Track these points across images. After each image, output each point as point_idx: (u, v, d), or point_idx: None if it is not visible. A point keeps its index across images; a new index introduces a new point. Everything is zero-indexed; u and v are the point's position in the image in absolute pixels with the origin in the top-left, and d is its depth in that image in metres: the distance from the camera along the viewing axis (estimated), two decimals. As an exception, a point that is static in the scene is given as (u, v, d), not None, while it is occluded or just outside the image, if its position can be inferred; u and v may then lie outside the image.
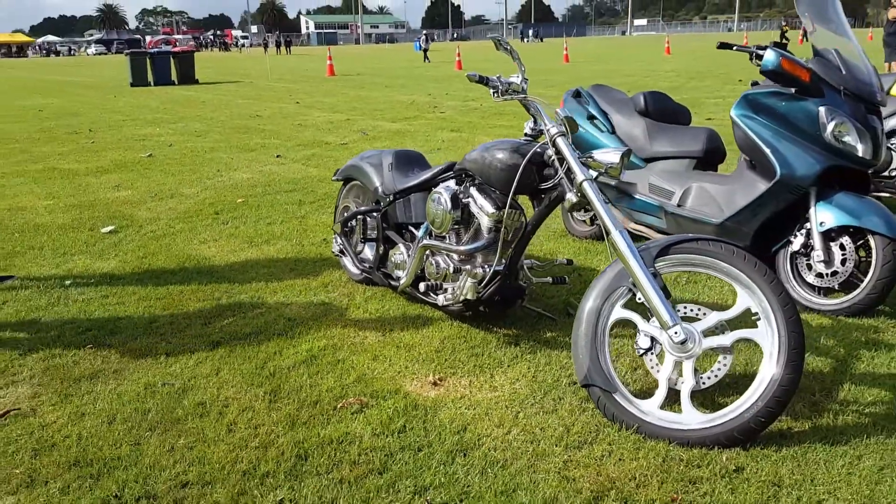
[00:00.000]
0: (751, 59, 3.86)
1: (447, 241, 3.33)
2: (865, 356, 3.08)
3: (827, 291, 3.64)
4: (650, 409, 2.55)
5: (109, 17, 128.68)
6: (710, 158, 4.25)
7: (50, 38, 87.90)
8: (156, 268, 4.40)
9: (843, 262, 3.55)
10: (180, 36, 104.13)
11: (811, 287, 3.66)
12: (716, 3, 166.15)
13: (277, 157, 8.49)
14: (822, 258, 3.58)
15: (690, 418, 2.50)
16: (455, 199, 3.27)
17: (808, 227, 3.63)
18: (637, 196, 4.22)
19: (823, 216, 3.57)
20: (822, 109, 3.57)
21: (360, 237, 3.97)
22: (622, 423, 2.53)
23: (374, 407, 2.69)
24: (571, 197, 2.80)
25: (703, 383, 2.57)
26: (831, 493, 2.19)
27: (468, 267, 3.24)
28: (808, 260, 3.64)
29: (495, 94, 2.98)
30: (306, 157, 8.43)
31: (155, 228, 5.35)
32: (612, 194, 4.40)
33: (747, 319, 2.59)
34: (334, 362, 3.07)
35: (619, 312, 2.67)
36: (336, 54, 34.64)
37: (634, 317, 2.64)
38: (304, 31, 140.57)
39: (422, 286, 3.45)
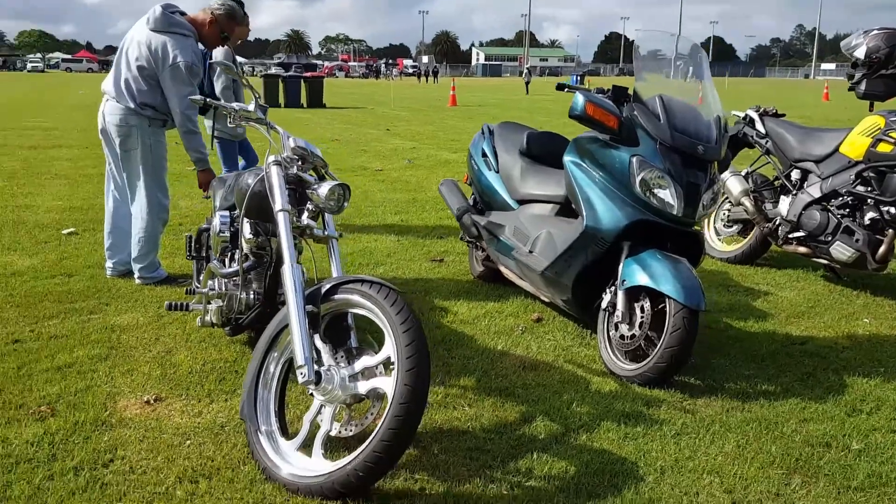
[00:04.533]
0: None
1: (219, 264, 3.39)
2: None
3: (631, 354, 3.32)
4: (287, 451, 2.48)
5: (295, 42, 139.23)
6: None
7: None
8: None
9: (641, 325, 3.24)
10: (354, 63, 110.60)
11: (617, 346, 3.36)
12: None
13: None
14: (621, 318, 3.29)
15: (310, 465, 2.41)
16: (225, 223, 3.34)
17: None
18: (502, 238, 4.07)
19: (627, 273, 3.28)
20: (633, 160, 3.30)
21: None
22: (256, 460, 2.47)
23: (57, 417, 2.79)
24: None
25: (342, 431, 2.46)
26: None
27: (235, 291, 3.28)
28: (614, 319, 3.36)
29: (230, 120, 3.03)
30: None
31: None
32: (485, 234, 4.26)
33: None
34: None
35: (288, 351, 2.62)
36: (479, 85, 35.17)
37: None
38: (473, 62, 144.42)
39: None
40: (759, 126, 5.06)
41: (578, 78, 50.38)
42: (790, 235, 4.68)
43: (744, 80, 71.16)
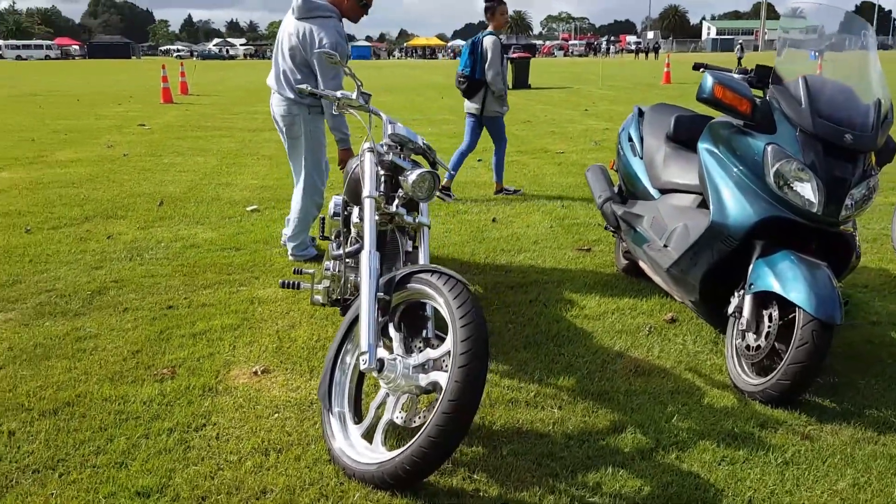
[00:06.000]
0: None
1: (333, 246, 3.52)
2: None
3: (757, 367, 2.96)
4: (353, 435, 2.53)
5: (517, 22, 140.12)
6: None
7: (458, 42, 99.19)
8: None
9: (768, 335, 2.87)
10: (575, 41, 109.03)
11: (744, 357, 3.01)
12: None
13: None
14: (746, 326, 2.94)
15: (369, 451, 2.44)
16: (338, 206, 3.46)
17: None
18: (638, 229, 3.81)
19: (756, 276, 2.92)
20: (768, 148, 2.90)
21: None
22: (325, 440, 2.56)
23: (175, 379, 3.08)
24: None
25: (409, 421, 2.45)
26: None
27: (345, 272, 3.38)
28: (740, 326, 3.01)
29: (334, 107, 3.11)
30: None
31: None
32: (623, 224, 4.01)
33: None
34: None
35: None
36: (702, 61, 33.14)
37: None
38: (704, 36, 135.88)
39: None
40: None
41: (817, 54, 45.53)
42: None
43: None
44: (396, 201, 2.88)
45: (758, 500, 2.29)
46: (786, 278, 2.80)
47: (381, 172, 2.92)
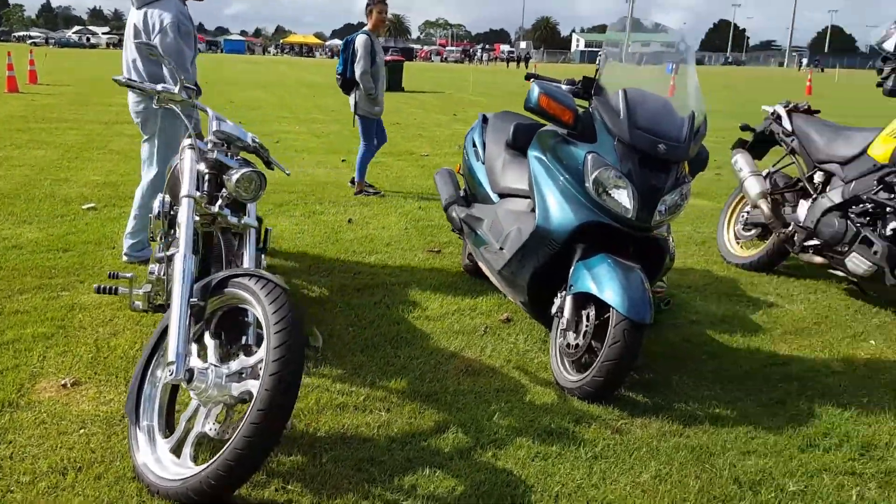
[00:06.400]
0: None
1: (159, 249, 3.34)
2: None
3: (577, 365, 3.08)
4: (161, 449, 2.40)
5: (396, 26, 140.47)
6: None
7: (335, 41, 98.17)
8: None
9: (585, 334, 2.99)
10: (452, 47, 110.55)
11: (565, 355, 3.13)
12: None
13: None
14: (566, 325, 3.05)
15: (176, 466, 2.32)
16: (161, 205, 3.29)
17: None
18: (479, 232, 3.87)
19: (575, 278, 3.04)
20: (588, 157, 3.03)
21: None
22: (132, 457, 2.40)
23: None
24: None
25: (220, 433, 2.35)
26: None
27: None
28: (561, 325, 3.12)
29: (153, 101, 2.97)
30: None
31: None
32: (465, 227, 4.07)
33: None
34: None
35: None
36: (569, 71, 34.37)
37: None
38: (573, 48, 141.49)
39: None
40: (785, 123, 4.61)
41: (674, 67, 48.57)
42: (806, 243, 4.24)
43: (859, 72, 66.48)
44: (220, 201, 2.77)
45: (564, 494, 2.37)
46: (601, 280, 2.92)
47: (205, 171, 2.80)
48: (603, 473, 2.49)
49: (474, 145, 4.36)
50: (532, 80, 3.41)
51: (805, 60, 78.47)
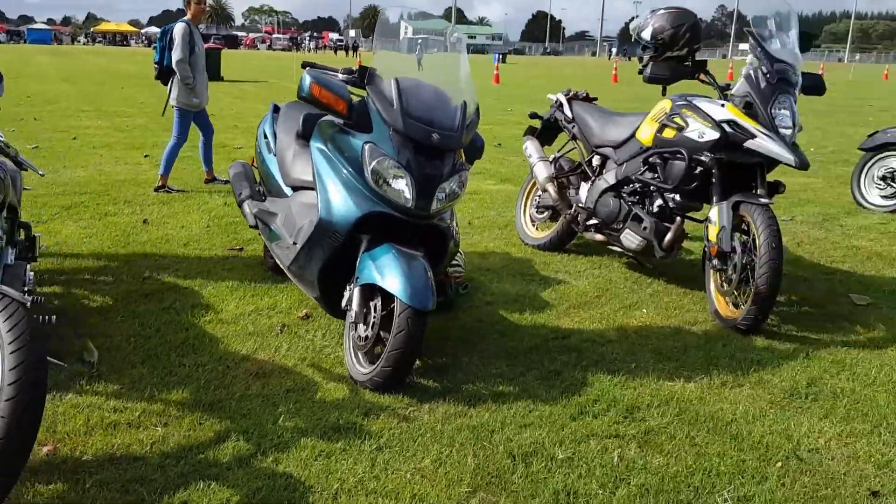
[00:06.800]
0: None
1: None
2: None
3: (370, 356, 3.09)
4: None
5: (217, 13, 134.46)
6: None
7: (152, 29, 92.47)
8: None
9: (374, 325, 3.01)
10: (279, 35, 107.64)
11: (357, 347, 3.13)
12: (833, 32, 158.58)
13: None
14: (355, 318, 3.06)
15: None
16: None
17: None
18: (272, 227, 3.75)
19: (361, 269, 3.05)
20: (366, 147, 3.04)
21: None
22: None
23: None
24: None
25: None
26: None
27: None
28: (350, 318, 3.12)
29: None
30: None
31: None
32: (259, 222, 3.93)
33: None
34: None
35: None
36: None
37: None
38: (401, 36, 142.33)
39: None
40: (566, 110, 4.87)
41: (500, 56, 50.27)
42: (588, 223, 4.53)
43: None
44: None
45: (344, 490, 2.36)
46: (385, 270, 2.94)
47: None
48: (385, 464, 2.51)
49: (265, 136, 4.23)
50: (307, 68, 3.35)
51: (615, 49, 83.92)
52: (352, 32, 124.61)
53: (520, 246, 5.17)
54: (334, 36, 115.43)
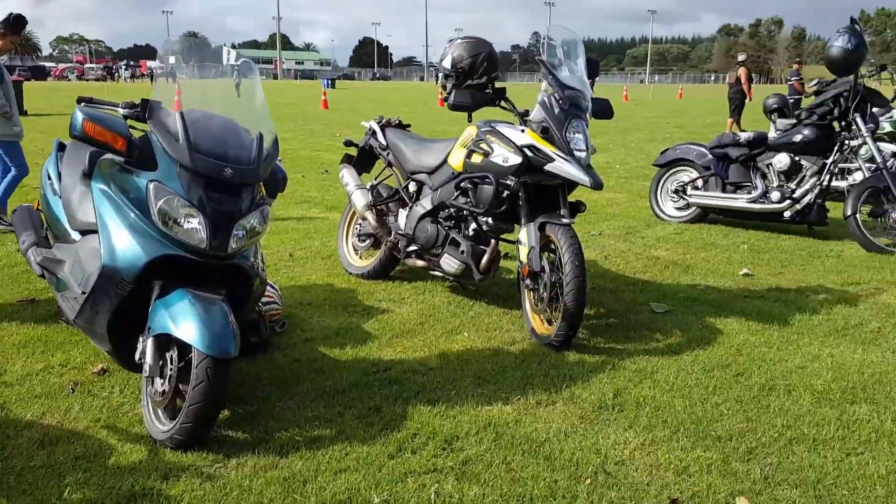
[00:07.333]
0: None
1: None
2: None
3: (171, 412, 2.85)
4: None
5: (22, 44, 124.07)
6: None
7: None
8: None
9: (171, 378, 2.78)
10: (92, 65, 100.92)
11: (156, 403, 2.88)
12: (634, 56, 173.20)
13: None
14: (150, 371, 2.82)
15: None
16: None
17: None
18: (60, 275, 3.38)
19: (154, 318, 2.81)
20: (150, 186, 2.82)
21: None
22: None
23: None
24: None
25: None
26: None
27: None
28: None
29: None
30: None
31: None
32: (45, 271, 3.54)
33: None
34: None
35: None
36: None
37: None
38: (224, 62, 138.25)
39: None
40: (380, 137, 4.87)
41: (330, 82, 50.07)
42: (409, 249, 4.52)
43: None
44: None
45: (136, 567, 2.13)
46: (179, 318, 2.72)
47: None
48: (185, 530, 2.30)
49: (49, 177, 3.86)
50: (80, 104, 3.08)
51: (440, 74, 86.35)
52: (171, 59, 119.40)
53: (344, 276, 5.07)
54: (153, 64, 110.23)
